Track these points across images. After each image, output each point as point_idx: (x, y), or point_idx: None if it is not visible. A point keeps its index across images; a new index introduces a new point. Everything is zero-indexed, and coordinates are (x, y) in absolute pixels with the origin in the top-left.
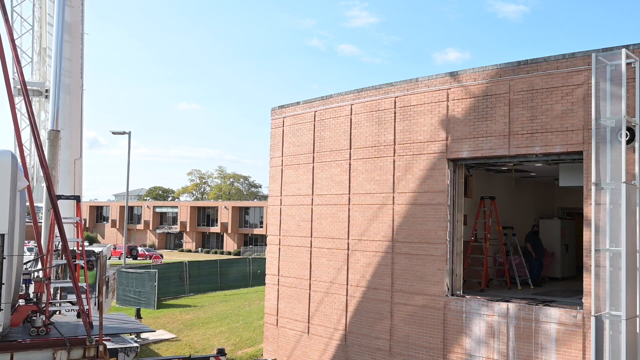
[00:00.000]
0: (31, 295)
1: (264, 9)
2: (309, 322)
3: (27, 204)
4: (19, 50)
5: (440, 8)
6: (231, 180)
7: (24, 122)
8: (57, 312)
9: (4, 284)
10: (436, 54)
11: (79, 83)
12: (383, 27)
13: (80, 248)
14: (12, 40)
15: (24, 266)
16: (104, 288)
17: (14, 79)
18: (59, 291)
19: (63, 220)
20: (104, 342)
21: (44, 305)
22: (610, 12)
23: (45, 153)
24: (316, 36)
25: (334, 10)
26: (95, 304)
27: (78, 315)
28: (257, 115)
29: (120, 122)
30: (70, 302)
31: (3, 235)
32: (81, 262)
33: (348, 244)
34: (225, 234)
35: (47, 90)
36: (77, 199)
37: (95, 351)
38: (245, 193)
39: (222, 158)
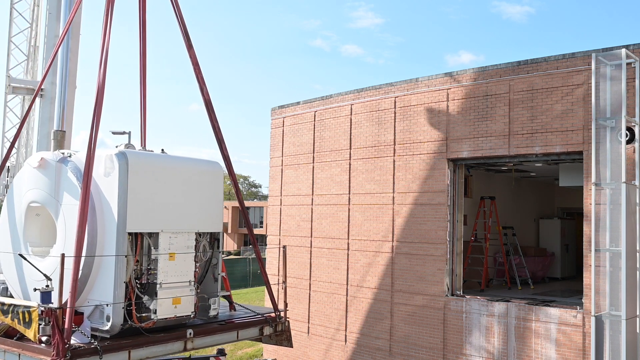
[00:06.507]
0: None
1: (268, 10)
2: (309, 322)
3: None
4: (15, 48)
5: (444, 9)
6: None
7: (9, 122)
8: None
9: (220, 274)
10: (448, 56)
11: (74, 83)
12: (388, 28)
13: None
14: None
15: None
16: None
17: (8, 76)
18: None
19: None
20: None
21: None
22: (610, 12)
23: None
24: (320, 37)
25: (339, 11)
26: None
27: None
28: (259, 115)
29: (124, 123)
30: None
31: (219, 233)
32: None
33: (348, 244)
34: (225, 234)
35: (42, 89)
36: None
37: (283, 326)
38: (245, 193)
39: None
